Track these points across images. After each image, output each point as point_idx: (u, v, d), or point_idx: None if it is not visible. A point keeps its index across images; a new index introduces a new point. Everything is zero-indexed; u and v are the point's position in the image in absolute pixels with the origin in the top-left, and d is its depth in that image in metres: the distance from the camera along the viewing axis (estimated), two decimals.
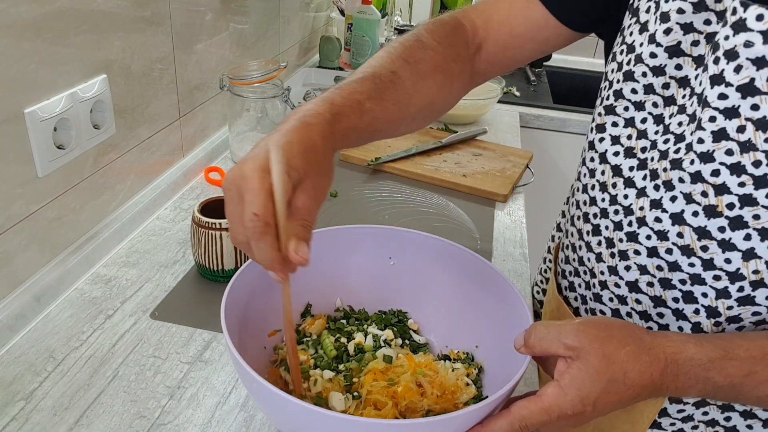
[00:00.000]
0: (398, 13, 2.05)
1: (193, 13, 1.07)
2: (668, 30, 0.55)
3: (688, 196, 0.54)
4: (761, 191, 0.50)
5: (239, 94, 1.14)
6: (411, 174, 1.21)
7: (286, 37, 1.58)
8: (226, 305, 0.56)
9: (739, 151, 0.50)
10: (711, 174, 0.52)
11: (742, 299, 0.54)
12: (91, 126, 0.84)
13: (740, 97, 0.50)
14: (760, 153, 0.49)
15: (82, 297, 0.82)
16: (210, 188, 1.12)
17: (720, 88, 0.50)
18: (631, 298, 0.62)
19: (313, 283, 0.70)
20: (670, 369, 0.49)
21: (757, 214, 0.51)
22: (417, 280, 0.72)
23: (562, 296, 0.73)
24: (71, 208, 0.83)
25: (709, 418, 0.62)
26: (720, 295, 0.55)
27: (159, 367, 0.71)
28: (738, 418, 0.61)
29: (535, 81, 1.97)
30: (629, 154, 0.60)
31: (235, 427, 0.64)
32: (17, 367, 0.70)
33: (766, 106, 0.49)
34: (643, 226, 0.58)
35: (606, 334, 0.49)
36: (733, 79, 0.50)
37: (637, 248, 0.59)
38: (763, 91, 0.49)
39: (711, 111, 0.51)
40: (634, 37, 0.59)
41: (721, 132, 0.51)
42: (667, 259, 0.57)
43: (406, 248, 0.71)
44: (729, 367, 0.49)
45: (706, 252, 0.54)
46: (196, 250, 0.84)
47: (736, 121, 0.50)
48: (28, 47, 0.71)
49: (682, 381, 0.49)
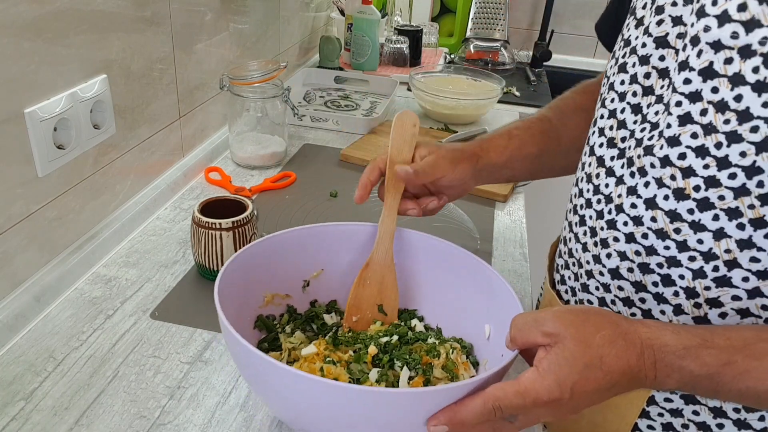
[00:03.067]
0: (398, 13, 2.05)
1: (193, 13, 1.07)
2: (660, 21, 0.57)
3: (659, 180, 0.56)
4: (723, 172, 0.51)
5: (239, 94, 1.14)
6: None
7: (286, 37, 1.58)
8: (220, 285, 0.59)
9: (702, 133, 0.52)
10: (678, 158, 0.54)
11: (718, 280, 0.54)
12: (91, 126, 0.84)
13: (702, 81, 0.51)
14: (721, 135, 0.51)
15: (82, 297, 0.82)
16: (210, 188, 1.12)
17: (685, 73, 0.52)
18: (614, 285, 0.63)
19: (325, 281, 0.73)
20: (646, 355, 0.49)
21: (722, 195, 0.52)
22: (418, 280, 0.73)
23: (555, 291, 0.74)
24: (71, 208, 0.83)
25: (700, 419, 0.61)
26: (696, 275, 0.55)
27: (159, 367, 0.71)
28: (731, 426, 0.60)
29: (535, 81, 1.97)
30: (611, 145, 0.62)
31: (235, 427, 0.64)
32: (17, 367, 0.70)
33: (725, 89, 0.50)
34: (621, 213, 0.60)
35: (582, 319, 0.50)
36: (696, 63, 0.51)
37: (616, 235, 0.60)
38: (720, 73, 0.50)
39: (678, 96, 0.53)
40: (630, 32, 0.61)
41: (687, 116, 0.53)
42: (644, 243, 0.58)
43: (408, 248, 0.72)
44: (706, 356, 0.48)
45: (679, 234, 0.55)
46: (196, 250, 0.84)
47: (699, 104, 0.52)
48: (28, 47, 0.71)
49: (660, 369, 0.49)
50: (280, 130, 1.22)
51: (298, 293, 0.72)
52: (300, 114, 1.34)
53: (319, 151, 1.30)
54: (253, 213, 0.85)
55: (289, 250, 0.69)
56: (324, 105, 1.54)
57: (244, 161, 1.20)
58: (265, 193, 1.12)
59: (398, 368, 0.62)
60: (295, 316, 0.71)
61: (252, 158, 1.19)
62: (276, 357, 0.65)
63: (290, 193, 1.13)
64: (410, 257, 0.73)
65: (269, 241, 0.67)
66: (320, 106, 1.54)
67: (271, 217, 1.04)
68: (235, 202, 0.86)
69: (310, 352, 0.63)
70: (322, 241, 0.71)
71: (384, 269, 0.71)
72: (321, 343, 0.65)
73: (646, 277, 0.59)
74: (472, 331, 0.69)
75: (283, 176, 1.16)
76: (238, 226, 0.82)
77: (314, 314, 0.72)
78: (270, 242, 0.67)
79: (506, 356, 0.54)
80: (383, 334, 0.68)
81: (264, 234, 0.70)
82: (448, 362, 0.64)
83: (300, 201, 1.09)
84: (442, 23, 2.21)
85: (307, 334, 0.70)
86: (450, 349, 0.65)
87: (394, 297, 0.72)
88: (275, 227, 0.99)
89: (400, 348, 0.65)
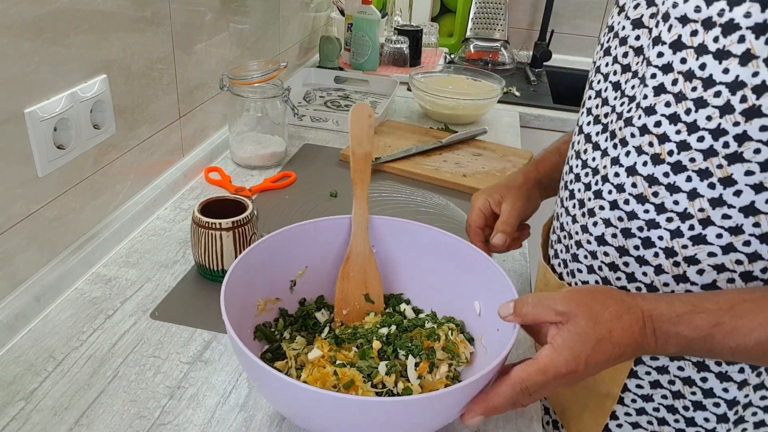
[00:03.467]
0: (398, 13, 2.05)
1: (193, 13, 1.07)
2: (637, 5, 0.62)
3: (639, 148, 0.60)
4: (693, 136, 0.56)
5: (239, 94, 1.14)
6: (411, 174, 1.21)
7: (286, 37, 1.58)
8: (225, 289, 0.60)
9: (674, 101, 0.56)
10: (654, 125, 0.58)
11: (694, 238, 0.59)
12: (91, 126, 0.84)
13: (672, 53, 0.56)
14: (689, 101, 0.55)
15: (82, 297, 0.82)
16: (210, 188, 1.12)
17: (658, 47, 0.57)
18: (600, 251, 0.67)
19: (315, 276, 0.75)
20: (648, 326, 0.54)
21: (693, 157, 0.56)
22: (400, 265, 0.76)
23: (549, 265, 0.78)
24: (71, 208, 0.83)
25: (685, 374, 0.65)
26: (674, 235, 0.60)
27: (159, 367, 0.71)
28: (714, 379, 0.64)
29: (535, 81, 1.97)
30: (596, 122, 0.67)
31: (235, 427, 0.64)
32: (17, 367, 0.70)
33: (691, 59, 0.55)
34: (606, 183, 0.64)
35: (590, 298, 0.55)
36: (667, 37, 0.56)
37: (602, 204, 0.65)
38: (688, 45, 0.55)
39: (652, 69, 0.58)
40: (614, 19, 0.66)
41: (660, 86, 0.57)
42: (626, 209, 0.63)
43: (384, 235, 0.75)
44: (697, 320, 0.53)
45: (657, 197, 0.60)
46: (196, 250, 0.84)
47: (671, 75, 0.56)
48: (28, 47, 0.71)
49: (659, 337, 0.54)
50: (280, 130, 1.22)
51: (287, 294, 0.73)
52: (300, 114, 1.34)
53: (319, 151, 1.30)
54: (253, 213, 0.85)
55: (276, 254, 0.70)
56: (324, 105, 1.55)
57: (244, 161, 1.20)
58: (265, 193, 1.12)
59: (403, 357, 0.65)
60: (289, 319, 0.72)
61: (252, 158, 1.19)
62: (282, 366, 0.66)
63: (290, 193, 1.13)
64: (387, 244, 0.75)
65: (257, 249, 0.68)
66: (320, 106, 1.54)
67: (271, 217, 1.04)
68: (235, 202, 0.86)
69: (317, 356, 0.64)
70: (302, 239, 0.72)
71: (364, 260, 0.73)
72: (323, 345, 0.66)
73: (628, 241, 0.63)
74: (462, 308, 0.72)
75: (283, 176, 1.16)
76: (238, 226, 0.82)
77: (306, 313, 0.73)
78: (258, 250, 0.68)
79: (503, 330, 0.60)
80: (381, 325, 0.70)
81: (264, 234, 0.70)
82: (449, 343, 0.67)
83: (300, 201, 1.09)
84: (442, 23, 2.21)
85: (302, 334, 0.70)
86: (448, 331, 0.68)
87: (378, 284, 0.74)
88: (275, 227, 0.99)
89: (400, 337, 0.67)
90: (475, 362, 0.68)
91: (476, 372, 0.55)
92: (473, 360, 0.68)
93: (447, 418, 0.56)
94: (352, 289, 0.73)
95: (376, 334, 0.67)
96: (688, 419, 0.67)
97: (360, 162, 0.72)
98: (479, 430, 0.66)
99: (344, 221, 0.74)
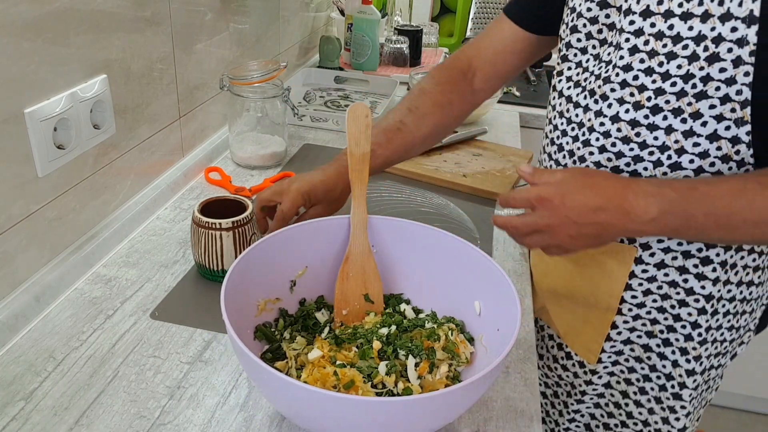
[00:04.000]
0: (398, 13, 2.05)
1: (193, 13, 1.07)
2: None
3: (620, 99, 0.73)
4: (666, 83, 0.69)
5: (239, 94, 1.14)
6: (411, 174, 1.21)
7: (286, 37, 1.58)
8: (225, 289, 0.60)
9: (648, 58, 0.70)
10: (633, 79, 0.71)
11: (672, 165, 0.71)
12: (91, 126, 0.84)
13: (642, 20, 0.69)
14: (662, 56, 0.69)
15: (82, 297, 0.82)
16: (210, 188, 1.12)
17: (630, 17, 0.70)
18: None
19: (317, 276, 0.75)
20: (631, 188, 0.66)
21: (668, 99, 0.69)
22: (399, 265, 0.76)
23: None
24: (71, 208, 0.83)
25: (678, 263, 0.77)
26: (656, 165, 0.72)
27: (159, 367, 0.71)
28: (693, 279, 0.78)
29: (535, 81, 1.97)
30: (577, 86, 0.80)
31: (235, 427, 0.64)
32: (17, 367, 0.70)
33: (660, 23, 0.68)
34: (593, 132, 0.77)
35: (584, 169, 0.72)
36: (636, 8, 0.70)
37: (591, 150, 0.77)
38: (655, 12, 0.68)
39: (626, 35, 0.71)
40: (574, 2, 0.78)
41: (634, 47, 0.70)
42: (613, 150, 0.75)
43: (384, 235, 0.75)
44: (675, 183, 0.66)
45: (639, 137, 0.73)
46: (196, 250, 0.84)
47: (642, 37, 0.70)
48: (28, 47, 0.71)
49: (642, 199, 0.65)
50: (280, 130, 1.22)
51: (287, 295, 0.73)
52: (300, 114, 1.34)
53: (319, 151, 1.30)
54: (253, 213, 0.85)
55: (276, 254, 0.71)
56: (324, 105, 1.55)
57: (244, 161, 1.20)
58: None
59: (403, 357, 0.65)
60: (289, 319, 0.72)
61: (252, 158, 1.19)
62: (283, 366, 0.66)
63: None
64: (387, 244, 0.75)
65: (257, 249, 0.68)
66: (320, 106, 1.54)
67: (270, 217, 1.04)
68: (235, 202, 0.86)
69: (317, 356, 0.64)
70: (302, 240, 0.73)
71: (363, 259, 0.73)
72: (323, 345, 0.66)
73: None
74: (462, 308, 0.72)
75: (283, 176, 1.16)
76: (238, 226, 0.82)
77: (306, 313, 0.73)
78: (258, 250, 0.68)
79: (503, 330, 0.62)
80: (381, 325, 0.70)
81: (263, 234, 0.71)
82: (448, 343, 0.67)
83: None
84: (442, 23, 2.21)
85: (302, 334, 0.71)
86: (448, 331, 0.69)
87: (377, 284, 0.74)
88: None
89: (400, 337, 0.67)
90: (475, 362, 0.68)
91: (476, 372, 0.55)
92: (473, 360, 0.68)
93: (447, 418, 0.56)
94: (351, 289, 0.74)
95: (376, 334, 0.67)
96: (674, 315, 0.81)
97: (358, 162, 0.73)
98: (479, 430, 0.66)
99: (343, 221, 0.74)
